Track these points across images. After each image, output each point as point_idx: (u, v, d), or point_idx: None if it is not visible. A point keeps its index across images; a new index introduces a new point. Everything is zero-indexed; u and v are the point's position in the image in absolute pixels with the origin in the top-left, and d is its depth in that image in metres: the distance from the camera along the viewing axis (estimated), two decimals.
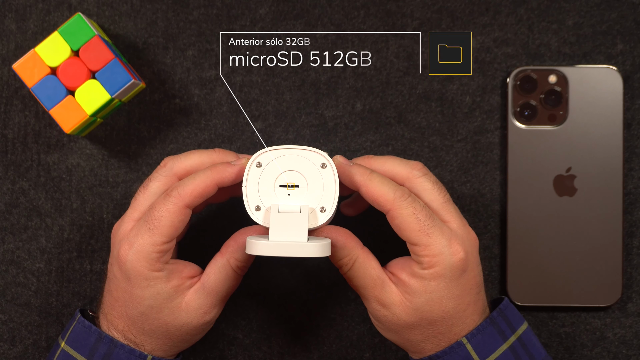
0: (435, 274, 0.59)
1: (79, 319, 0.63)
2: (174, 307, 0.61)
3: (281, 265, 0.72)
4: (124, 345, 0.61)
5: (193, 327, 0.62)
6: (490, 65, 0.71)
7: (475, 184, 0.72)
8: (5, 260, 0.72)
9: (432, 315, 0.60)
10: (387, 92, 0.72)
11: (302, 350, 0.72)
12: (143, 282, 0.60)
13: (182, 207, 0.59)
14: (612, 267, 0.70)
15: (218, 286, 0.61)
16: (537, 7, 0.71)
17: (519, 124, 0.70)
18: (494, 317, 0.61)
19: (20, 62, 0.66)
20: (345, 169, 0.61)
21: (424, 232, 0.59)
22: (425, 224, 0.59)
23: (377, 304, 0.61)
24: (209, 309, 0.62)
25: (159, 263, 0.60)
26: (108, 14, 0.71)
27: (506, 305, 0.62)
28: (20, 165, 0.71)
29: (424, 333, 0.61)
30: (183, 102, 0.72)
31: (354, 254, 0.61)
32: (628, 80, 0.71)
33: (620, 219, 0.70)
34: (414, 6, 0.71)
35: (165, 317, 0.61)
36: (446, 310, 0.60)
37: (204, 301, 0.61)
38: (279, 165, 0.60)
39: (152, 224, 0.59)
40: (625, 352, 0.71)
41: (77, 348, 0.61)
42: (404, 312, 0.60)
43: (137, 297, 0.60)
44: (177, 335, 0.62)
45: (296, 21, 0.71)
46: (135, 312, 0.61)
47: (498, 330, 0.61)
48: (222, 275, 0.61)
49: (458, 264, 0.59)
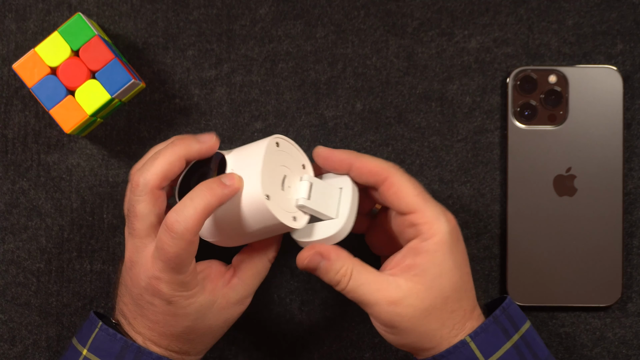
0: (438, 242, 0.59)
1: (102, 326, 0.61)
2: (215, 309, 0.62)
3: (281, 265, 0.72)
4: (151, 353, 0.60)
5: (234, 318, 0.64)
6: (490, 65, 0.72)
7: (475, 184, 0.72)
8: (5, 260, 0.72)
9: (444, 291, 0.59)
10: (387, 92, 0.72)
11: (302, 350, 0.72)
12: (184, 301, 0.60)
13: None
14: (612, 267, 0.70)
15: (254, 278, 0.64)
16: (537, 7, 0.71)
17: (519, 124, 0.70)
18: (497, 315, 0.61)
19: (20, 62, 0.67)
20: (331, 154, 0.62)
21: (422, 198, 0.60)
22: (422, 190, 0.60)
23: (388, 305, 0.59)
24: (246, 298, 0.64)
25: (192, 282, 0.60)
26: (108, 14, 0.71)
27: (509, 303, 0.62)
28: (20, 165, 0.71)
29: (439, 317, 0.60)
30: (183, 102, 0.72)
31: (349, 264, 0.60)
32: (628, 80, 0.71)
33: (620, 219, 0.70)
34: (414, 6, 0.71)
35: (209, 322, 0.62)
36: (455, 281, 0.60)
37: (242, 293, 0.63)
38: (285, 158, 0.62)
39: (164, 257, 0.58)
40: (625, 352, 0.72)
41: (102, 356, 0.60)
42: (417, 299, 0.59)
43: (181, 316, 0.60)
44: (220, 332, 0.64)
45: (296, 21, 0.71)
46: (180, 329, 0.61)
47: (501, 328, 0.61)
48: (257, 268, 0.64)
49: (454, 229, 0.60)
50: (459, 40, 0.71)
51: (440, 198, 0.71)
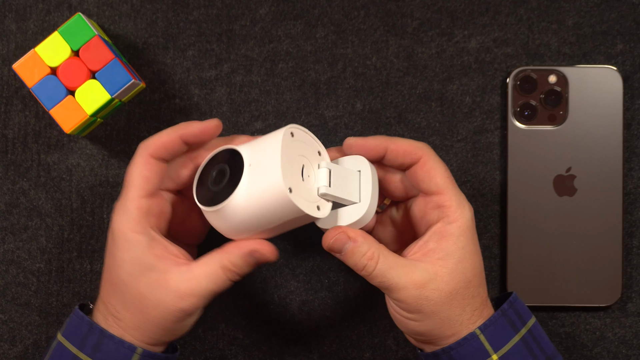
0: (462, 227, 0.60)
1: (75, 310, 0.63)
2: (152, 279, 0.60)
3: (281, 265, 0.72)
4: (112, 336, 0.61)
5: (167, 309, 0.60)
6: (490, 65, 0.72)
7: (475, 184, 0.72)
8: (5, 260, 0.72)
9: (466, 274, 0.60)
10: (387, 92, 0.72)
11: (302, 350, 0.72)
12: (124, 244, 0.60)
13: (147, 156, 0.61)
14: (612, 267, 0.70)
15: (205, 278, 0.60)
16: (537, 7, 0.71)
17: (519, 124, 0.70)
18: (505, 309, 0.61)
19: (20, 62, 0.67)
20: (365, 142, 0.62)
21: (450, 181, 0.61)
22: (450, 174, 0.62)
23: (416, 288, 0.59)
24: (189, 295, 0.60)
25: (139, 225, 0.60)
26: (108, 14, 0.71)
27: (515, 298, 0.63)
28: (20, 165, 0.71)
29: (461, 301, 0.60)
30: (183, 102, 0.72)
31: (376, 247, 0.60)
32: (628, 80, 0.71)
33: (620, 219, 0.70)
34: (414, 6, 0.71)
35: (142, 288, 0.60)
36: (475, 266, 0.61)
37: (186, 284, 0.60)
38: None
39: (126, 183, 0.61)
40: (625, 352, 0.72)
41: (70, 339, 0.61)
42: (442, 282, 0.59)
43: (119, 261, 0.60)
44: (152, 315, 0.60)
45: (296, 21, 0.71)
46: (117, 279, 0.61)
47: (509, 321, 0.61)
48: (212, 279, 0.60)
49: (473, 218, 0.61)
50: (459, 40, 0.71)
51: None
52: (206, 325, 0.72)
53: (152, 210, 0.62)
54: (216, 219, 0.61)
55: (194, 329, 0.71)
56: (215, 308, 0.72)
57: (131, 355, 0.61)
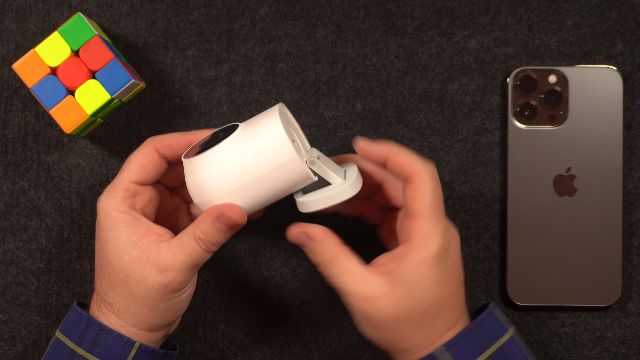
0: (423, 256, 0.59)
1: (73, 307, 0.63)
2: (134, 256, 0.60)
3: (281, 265, 0.72)
4: (111, 331, 0.61)
5: (150, 285, 0.60)
6: (490, 65, 0.72)
7: (475, 184, 0.72)
8: (5, 260, 0.72)
9: (420, 303, 0.59)
10: (387, 92, 0.72)
11: (302, 350, 0.72)
12: (109, 222, 0.61)
13: (151, 148, 0.62)
14: (612, 267, 0.70)
15: (180, 251, 0.61)
16: (537, 7, 0.71)
17: (519, 124, 0.70)
18: (470, 329, 0.60)
19: (20, 62, 0.67)
20: (369, 147, 0.62)
21: (431, 210, 0.59)
22: (437, 203, 0.60)
23: (360, 300, 0.59)
24: (165, 270, 0.60)
25: (124, 204, 0.61)
26: (108, 14, 0.71)
27: (488, 314, 0.61)
28: (20, 165, 0.71)
29: (409, 326, 0.60)
30: (183, 102, 0.72)
31: (332, 249, 0.61)
32: (628, 80, 0.71)
33: (620, 219, 0.70)
34: (414, 6, 0.71)
35: (125, 267, 0.60)
36: (434, 296, 0.59)
37: (164, 259, 0.60)
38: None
39: (122, 167, 0.63)
40: (625, 352, 0.72)
41: (68, 334, 0.62)
42: (389, 304, 0.59)
43: (103, 241, 0.61)
44: (138, 295, 0.61)
45: (296, 21, 0.71)
46: (104, 260, 0.61)
47: (475, 341, 0.60)
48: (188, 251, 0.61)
49: (448, 246, 0.59)
50: (459, 40, 0.71)
51: None
52: (206, 325, 0.72)
53: (139, 194, 0.63)
54: (192, 172, 0.61)
55: (194, 328, 0.71)
56: (215, 308, 0.72)
57: (129, 349, 0.61)
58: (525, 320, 0.72)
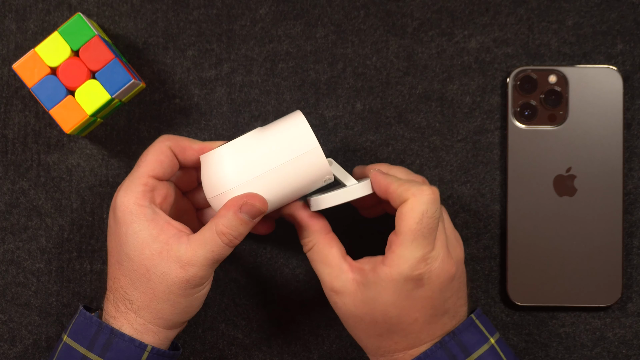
0: (391, 275, 0.59)
1: (81, 311, 0.63)
2: (155, 251, 0.60)
3: (281, 265, 0.72)
4: (123, 335, 0.61)
5: (171, 280, 0.60)
6: (490, 65, 0.72)
7: (475, 184, 0.72)
8: (5, 260, 0.72)
9: (374, 314, 0.60)
10: (387, 92, 0.72)
11: (302, 350, 0.72)
12: (129, 216, 0.61)
13: (166, 146, 0.63)
14: (612, 267, 0.70)
15: (200, 247, 0.61)
16: (537, 7, 0.71)
17: (519, 124, 0.70)
18: (444, 341, 0.61)
19: (20, 62, 0.67)
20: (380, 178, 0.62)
21: (413, 235, 0.59)
22: (422, 228, 0.59)
23: (330, 290, 0.62)
24: (186, 265, 0.60)
25: (144, 198, 0.61)
26: (108, 14, 0.71)
27: (465, 326, 0.61)
28: (20, 165, 0.71)
29: (365, 330, 0.62)
30: (183, 102, 0.72)
31: (314, 237, 0.63)
32: (628, 80, 0.71)
33: (620, 219, 0.70)
34: (414, 6, 0.71)
35: (146, 261, 0.60)
36: (389, 315, 0.60)
37: (185, 253, 0.60)
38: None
39: (139, 162, 0.63)
40: (625, 352, 0.72)
41: (78, 340, 0.62)
42: (352, 302, 0.61)
43: (123, 236, 0.61)
44: (159, 290, 0.60)
45: (296, 21, 0.71)
46: (124, 256, 0.61)
47: (449, 355, 0.60)
48: (209, 247, 0.61)
49: (414, 277, 0.59)
50: (459, 40, 0.71)
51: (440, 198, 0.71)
52: (206, 325, 0.72)
53: (157, 190, 0.63)
54: (210, 164, 0.61)
55: (194, 328, 0.71)
56: (215, 308, 0.72)
57: (142, 353, 0.61)
58: (525, 320, 0.72)
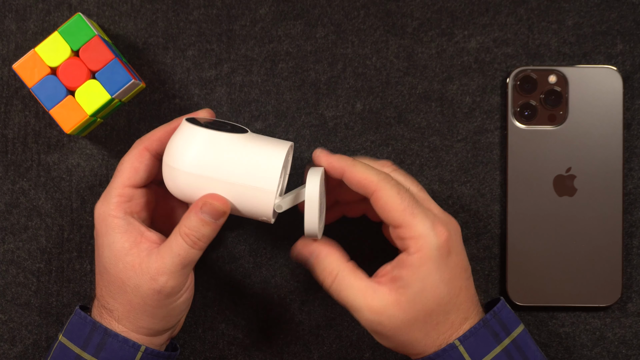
0: (423, 258, 0.59)
1: (76, 310, 0.63)
2: (128, 264, 0.60)
3: (281, 265, 0.72)
4: (117, 335, 0.61)
5: (145, 292, 0.60)
6: (490, 65, 0.72)
7: (475, 184, 0.72)
8: (5, 260, 0.72)
9: (428, 305, 0.59)
10: (387, 92, 0.72)
11: (302, 350, 0.72)
12: (104, 228, 0.61)
13: (141, 149, 0.63)
14: (612, 267, 0.70)
15: (170, 256, 0.60)
16: (537, 7, 0.71)
17: (519, 124, 0.70)
18: (487, 319, 0.61)
19: (20, 62, 0.67)
20: (326, 159, 0.62)
21: (409, 212, 0.59)
22: (410, 204, 0.59)
23: (370, 312, 0.60)
24: (156, 276, 0.60)
25: (118, 210, 0.61)
26: (108, 14, 0.71)
27: (501, 307, 0.62)
28: (20, 165, 0.71)
29: (422, 328, 0.60)
30: (183, 102, 0.72)
31: (336, 266, 0.61)
32: (628, 80, 0.71)
33: (620, 219, 0.70)
34: (414, 6, 0.71)
35: (121, 274, 0.61)
36: (441, 296, 0.59)
37: (154, 265, 0.60)
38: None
39: (115, 172, 0.63)
40: (625, 352, 0.72)
41: (73, 339, 0.62)
42: (400, 311, 0.59)
43: (100, 248, 0.62)
44: (135, 302, 0.61)
45: (296, 21, 0.71)
46: (102, 267, 0.62)
47: (492, 332, 0.60)
48: (175, 251, 0.60)
49: (444, 244, 0.59)
50: (459, 40, 0.71)
51: (440, 198, 0.71)
52: (206, 325, 0.72)
53: (134, 199, 0.63)
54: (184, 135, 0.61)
55: (194, 328, 0.71)
56: (215, 308, 0.72)
57: (135, 353, 0.61)
58: (525, 320, 0.72)
